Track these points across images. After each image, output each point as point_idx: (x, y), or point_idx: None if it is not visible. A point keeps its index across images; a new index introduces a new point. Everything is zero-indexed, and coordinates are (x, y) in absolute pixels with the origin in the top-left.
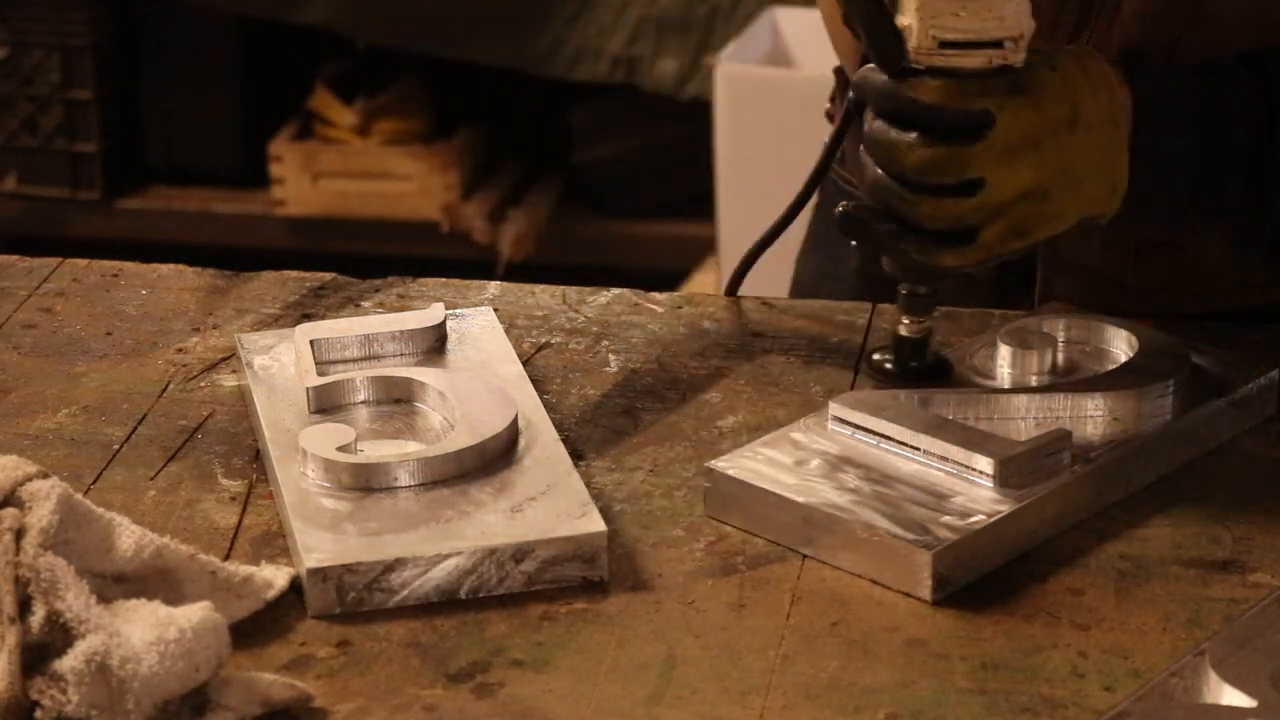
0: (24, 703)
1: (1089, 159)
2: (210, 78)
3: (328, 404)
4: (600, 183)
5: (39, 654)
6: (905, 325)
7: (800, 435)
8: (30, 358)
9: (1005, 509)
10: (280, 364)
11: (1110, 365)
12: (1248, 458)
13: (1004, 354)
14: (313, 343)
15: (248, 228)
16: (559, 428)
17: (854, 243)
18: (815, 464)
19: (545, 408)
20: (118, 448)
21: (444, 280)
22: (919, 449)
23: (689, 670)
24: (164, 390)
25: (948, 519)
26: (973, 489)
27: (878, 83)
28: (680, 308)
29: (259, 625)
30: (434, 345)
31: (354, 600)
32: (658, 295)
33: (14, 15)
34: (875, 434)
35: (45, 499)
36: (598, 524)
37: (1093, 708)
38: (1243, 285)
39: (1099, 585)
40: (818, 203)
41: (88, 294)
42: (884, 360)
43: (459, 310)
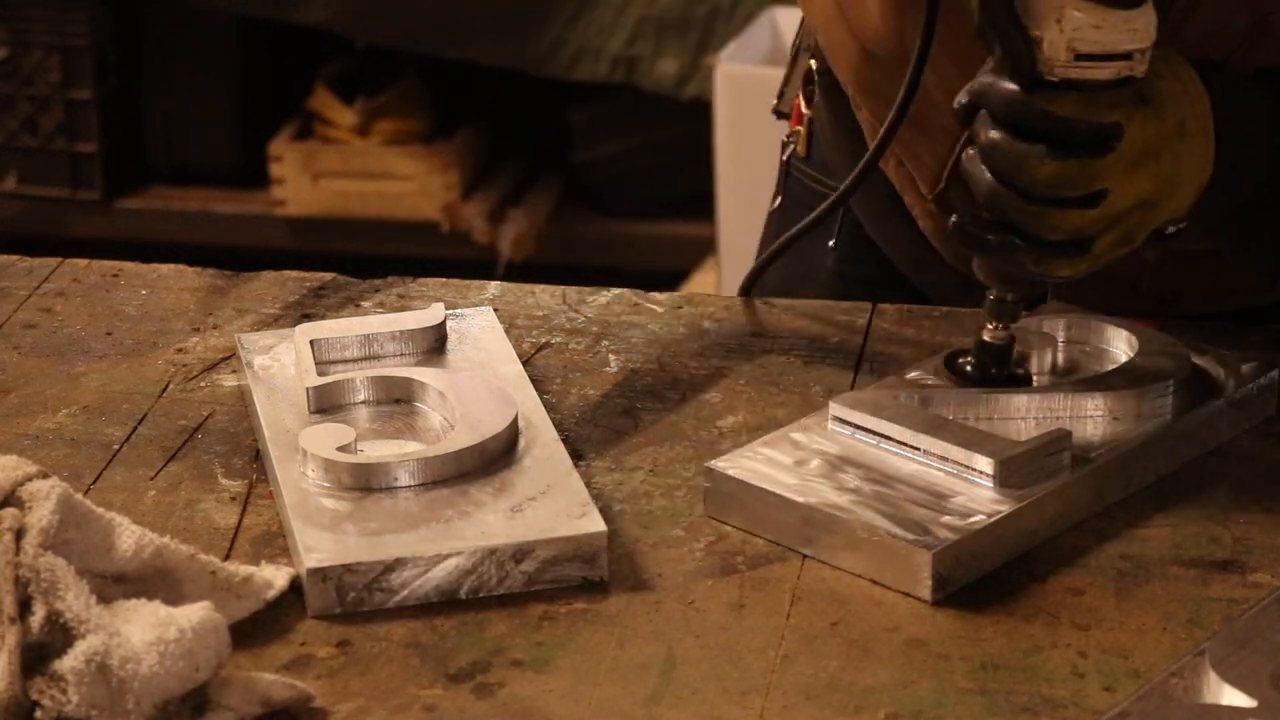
0: (24, 703)
1: (1190, 167)
2: (210, 78)
3: (328, 404)
4: (600, 183)
5: (39, 654)
6: (989, 330)
7: (800, 435)
8: (30, 358)
9: (1005, 509)
10: (280, 364)
11: (1110, 365)
12: (1248, 458)
13: None
14: (313, 343)
15: (248, 228)
16: (559, 428)
17: (830, 243)
18: (815, 464)
19: (545, 408)
20: (118, 448)
21: (444, 280)
22: (919, 449)
23: (689, 670)
24: (164, 390)
25: (948, 519)
26: (973, 489)
27: (1006, 93)
28: (680, 308)
29: (259, 625)
30: (434, 345)
31: (354, 600)
32: (658, 295)
33: (14, 15)
34: (875, 434)
35: (45, 499)
36: (598, 524)
37: (1093, 708)
38: (1249, 288)
39: (1099, 585)
40: (781, 204)
41: (88, 294)
42: (966, 363)
43: (459, 310)
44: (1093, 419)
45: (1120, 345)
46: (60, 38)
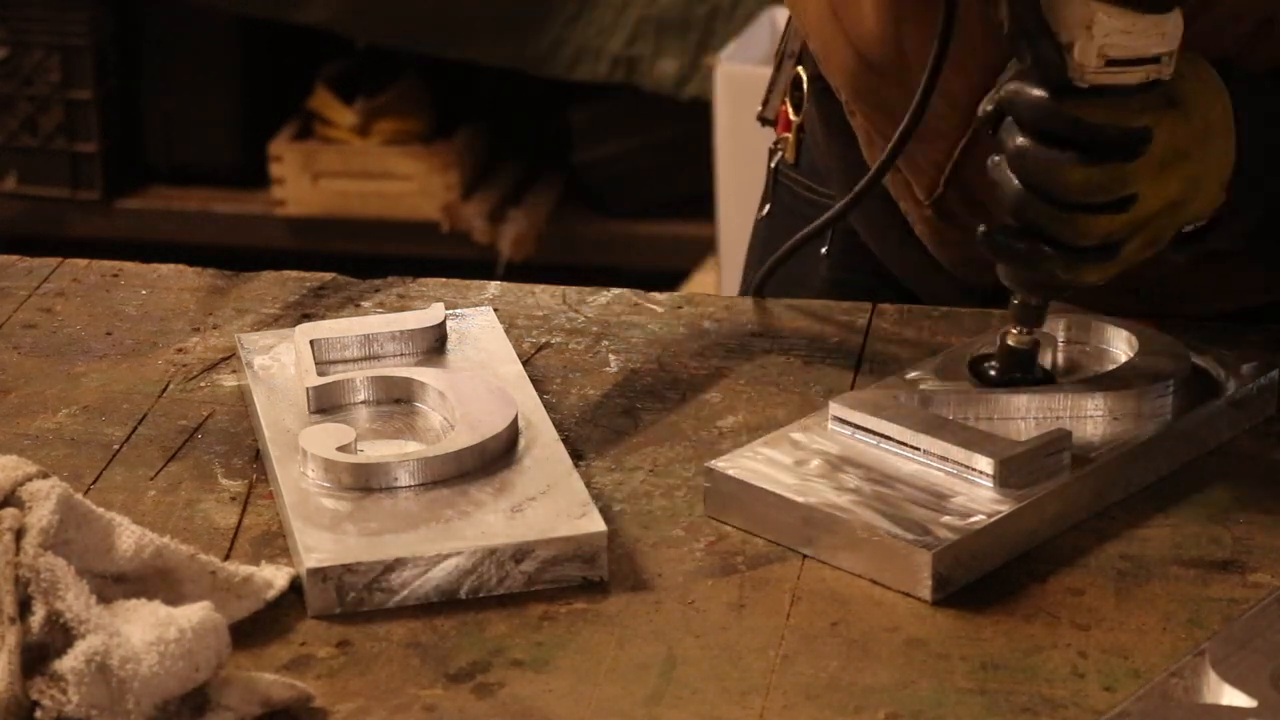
0: (24, 703)
1: (1215, 167)
2: (210, 78)
3: (328, 404)
4: (600, 183)
5: (39, 654)
6: (1014, 335)
7: (800, 435)
8: (30, 358)
9: (1005, 509)
10: (280, 364)
11: (1110, 365)
12: (1248, 458)
13: None
14: (313, 343)
15: (248, 228)
16: (559, 428)
17: (824, 250)
18: (815, 464)
19: (545, 408)
20: (118, 448)
21: (444, 280)
22: (919, 449)
23: (689, 670)
24: (164, 390)
25: (948, 519)
26: (973, 489)
27: (1035, 100)
28: (680, 308)
29: (259, 625)
30: (434, 345)
31: (354, 600)
32: (658, 295)
33: (14, 15)
34: (875, 434)
35: (45, 499)
36: (598, 524)
37: (1093, 708)
38: (1249, 289)
39: (1099, 585)
40: (770, 211)
41: (88, 294)
42: (990, 366)
43: (459, 310)
44: (1093, 419)
45: (1120, 345)
46: (60, 38)
